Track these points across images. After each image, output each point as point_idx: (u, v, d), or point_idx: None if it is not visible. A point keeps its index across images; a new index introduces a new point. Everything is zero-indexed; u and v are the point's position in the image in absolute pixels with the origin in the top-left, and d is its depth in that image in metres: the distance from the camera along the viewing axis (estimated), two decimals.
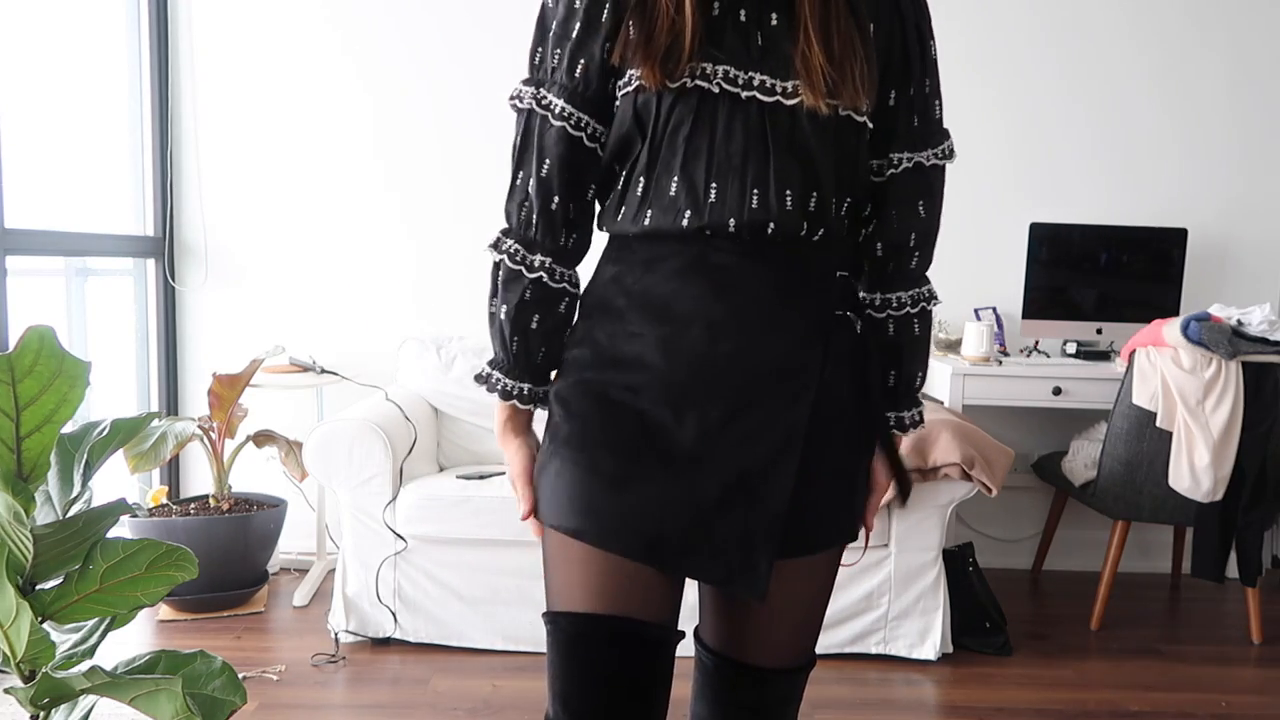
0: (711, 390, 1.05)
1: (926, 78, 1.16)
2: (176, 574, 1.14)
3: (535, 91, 1.09)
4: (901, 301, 1.17)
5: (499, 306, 1.13)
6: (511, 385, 1.14)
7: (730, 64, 1.03)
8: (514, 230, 1.12)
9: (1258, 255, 3.42)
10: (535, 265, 1.11)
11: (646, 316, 1.07)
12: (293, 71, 3.32)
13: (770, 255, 1.06)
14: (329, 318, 3.39)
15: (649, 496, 1.05)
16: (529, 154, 1.10)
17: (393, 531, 2.61)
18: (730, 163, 1.03)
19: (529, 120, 1.10)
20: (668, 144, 1.05)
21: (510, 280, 1.12)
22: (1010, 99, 3.36)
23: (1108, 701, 2.45)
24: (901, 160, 1.14)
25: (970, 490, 2.57)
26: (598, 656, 1.06)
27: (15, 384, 1.04)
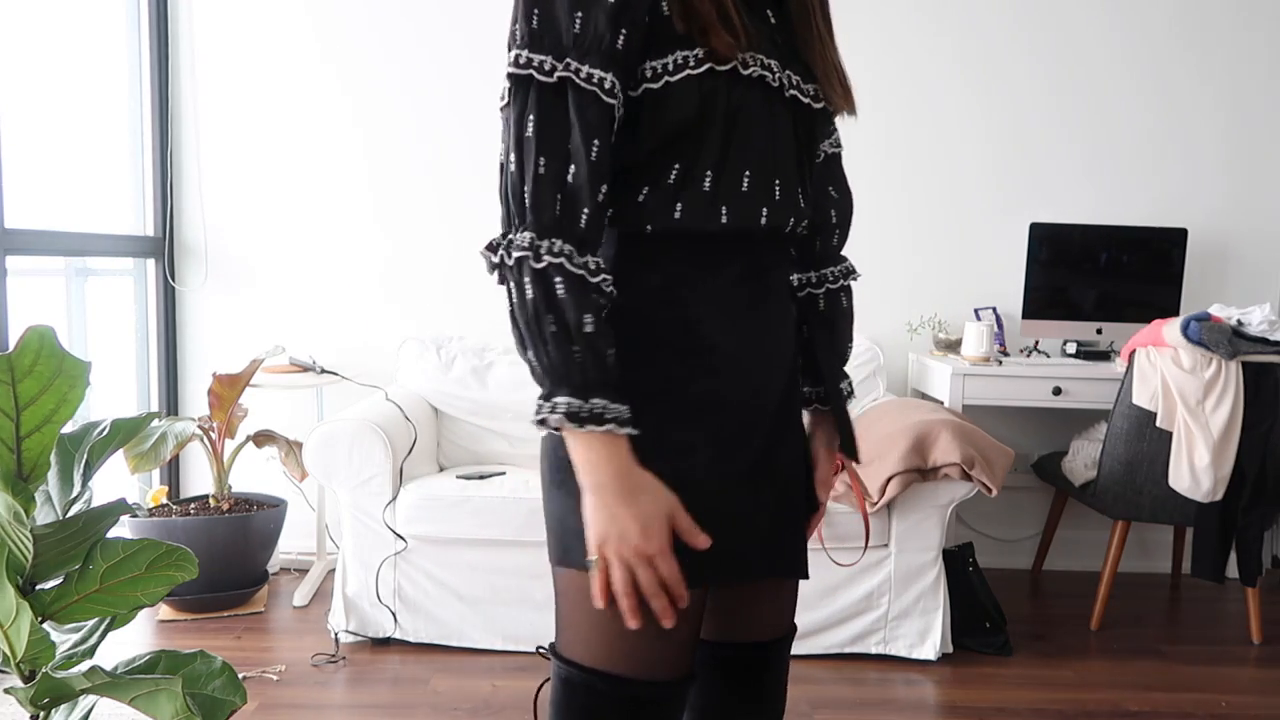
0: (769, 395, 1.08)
1: None
2: (176, 574, 1.14)
3: (563, 62, 0.91)
4: (834, 275, 1.21)
5: (574, 319, 0.90)
6: (624, 410, 0.92)
7: (776, 60, 1.02)
8: (551, 228, 0.91)
9: (1258, 255, 3.42)
10: (594, 268, 0.93)
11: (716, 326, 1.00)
12: (293, 72, 3.32)
13: (785, 251, 1.12)
14: (329, 318, 3.39)
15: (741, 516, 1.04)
16: (563, 137, 0.91)
17: (393, 531, 2.61)
18: (780, 159, 1.04)
19: (553, 96, 0.92)
20: (739, 135, 0.97)
21: (578, 285, 0.91)
22: (1010, 99, 3.36)
23: (1108, 701, 2.45)
24: (822, 151, 1.18)
25: (970, 490, 2.57)
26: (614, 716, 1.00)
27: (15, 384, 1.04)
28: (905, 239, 3.40)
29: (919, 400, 3.07)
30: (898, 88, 3.35)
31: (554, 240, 0.91)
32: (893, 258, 3.39)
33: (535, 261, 0.91)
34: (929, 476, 2.55)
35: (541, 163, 0.91)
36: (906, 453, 2.52)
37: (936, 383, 3.13)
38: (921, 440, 2.54)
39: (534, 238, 0.91)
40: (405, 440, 2.74)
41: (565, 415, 0.91)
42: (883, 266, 3.39)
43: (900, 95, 3.36)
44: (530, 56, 0.92)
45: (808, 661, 2.60)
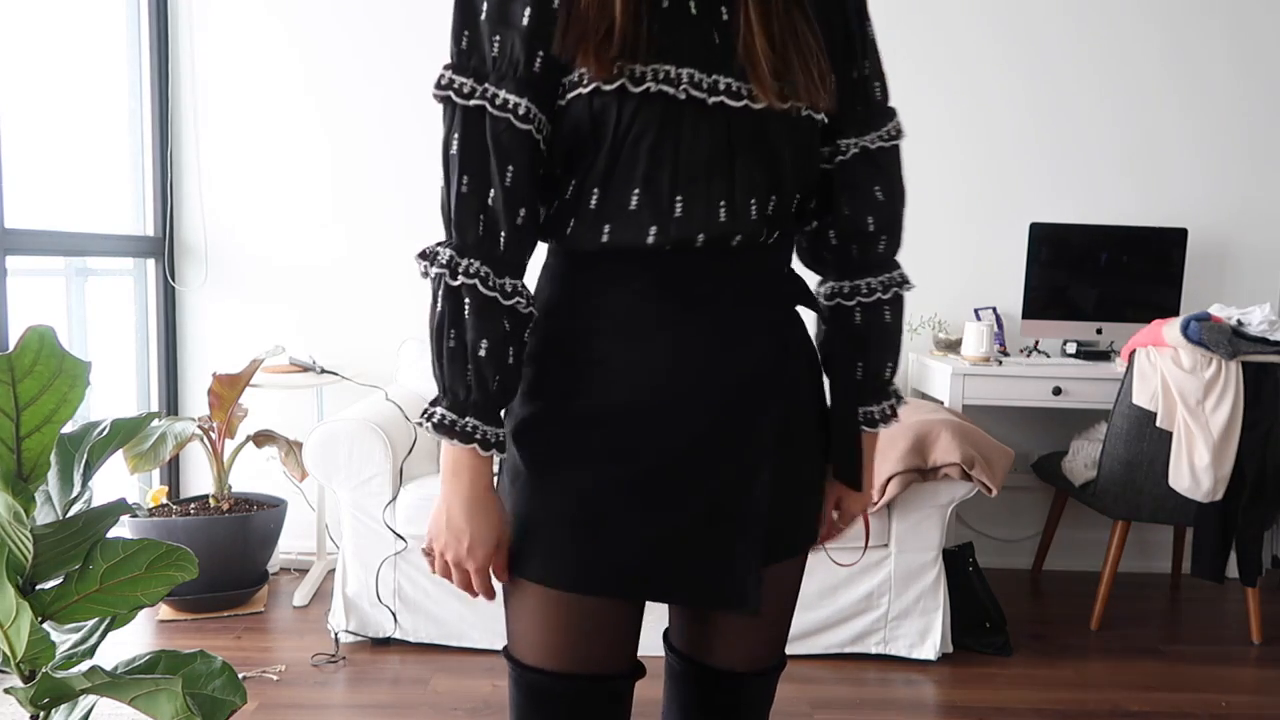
0: (685, 410, 1.00)
1: (865, 59, 1.10)
2: (176, 574, 1.14)
3: (482, 87, 0.94)
4: (871, 288, 1.11)
5: (473, 341, 0.96)
6: (492, 432, 0.98)
7: (694, 66, 0.95)
8: (472, 248, 0.96)
9: (1258, 255, 3.42)
10: (509, 290, 0.97)
11: (610, 340, 1.00)
12: (293, 71, 3.32)
13: (730, 264, 1.01)
14: (329, 318, 3.39)
15: (629, 530, 1.00)
16: (483, 159, 0.95)
17: (393, 531, 2.61)
18: (695, 172, 0.96)
19: (471, 119, 0.95)
20: (628, 153, 0.96)
21: (484, 309, 0.95)
22: (1010, 99, 3.36)
23: (1108, 701, 2.45)
24: (850, 147, 1.08)
25: (970, 490, 2.57)
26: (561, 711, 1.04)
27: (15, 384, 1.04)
28: (905, 239, 3.39)
29: (919, 400, 3.08)
30: (897, 88, 3.34)
31: (472, 260, 0.96)
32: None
33: (451, 279, 0.96)
34: (929, 476, 2.55)
35: (464, 182, 0.96)
36: (906, 453, 2.52)
37: (936, 383, 3.13)
38: (921, 440, 2.54)
39: (454, 255, 0.97)
40: (405, 440, 2.74)
41: (435, 425, 0.98)
42: None
43: (900, 95, 3.34)
44: (452, 78, 0.96)
45: (808, 661, 2.60)
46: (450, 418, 0.98)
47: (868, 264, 1.12)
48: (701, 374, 1.00)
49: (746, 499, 1.02)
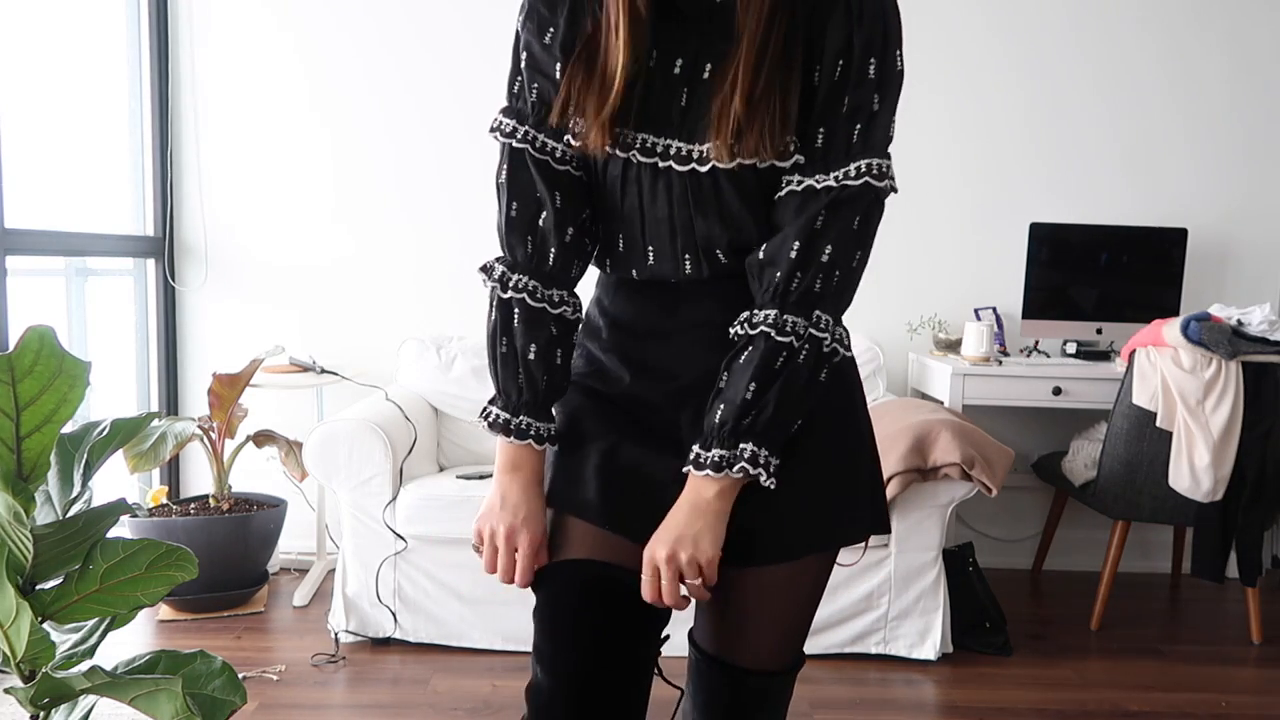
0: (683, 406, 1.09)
1: (846, 95, 1.00)
2: (176, 574, 1.13)
3: (522, 129, 1.08)
4: (746, 320, 1.02)
5: (523, 347, 1.09)
6: (545, 428, 1.11)
7: (649, 131, 1.03)
8: (523, 264, 1.09)
9: (1258, 255, 3.42)
10: (556, 300, 1.10)
11: (615, 333, 1.13)
12: (293, 71, 3.32)
13: (715, 283, 1.08)
14: (329, 318, 3.39)
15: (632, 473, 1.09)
16: (529, 188, 1.07)
17: (393, 531, 2.61)
18: (660, 227, 1.06)
19: (518, 157, 1.08)
20: (609, 201, 1.08)
21: (533, 320, 1.09)
22: (1011, 100, 3.36)
23: (1108, 701, 2.45)
24: (789, 184, 1.01)
25: (970, 490, 2.57)
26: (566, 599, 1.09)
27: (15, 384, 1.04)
28: (905, 239, 3.40)
29: (919, 400, 3.08)
30: None
31: (522, 276, 1.09)
32: (892, 258, 3.39)
33: (503, 292, 1.09)
34: (929, 476, 2.55)
35: (513, 207, 1.08)
36: (906, 453, 2.52)
37: (936, 383, 3.13)
38: (921, 440, 2.54)
39: (506, 271, 1.10)
40: (405, 440, 2.74)
41: (492, 424, 1.11)
42: (882, 266, 3.39)
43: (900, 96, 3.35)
44: (500, 119, 1.09)
45: (808, 661, 2.60)
46: (504, 417, 1.10)
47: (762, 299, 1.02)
48: (698, 375, 1.08)
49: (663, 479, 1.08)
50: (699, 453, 1.02)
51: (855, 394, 1.14)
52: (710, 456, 1.01)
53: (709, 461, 1.01)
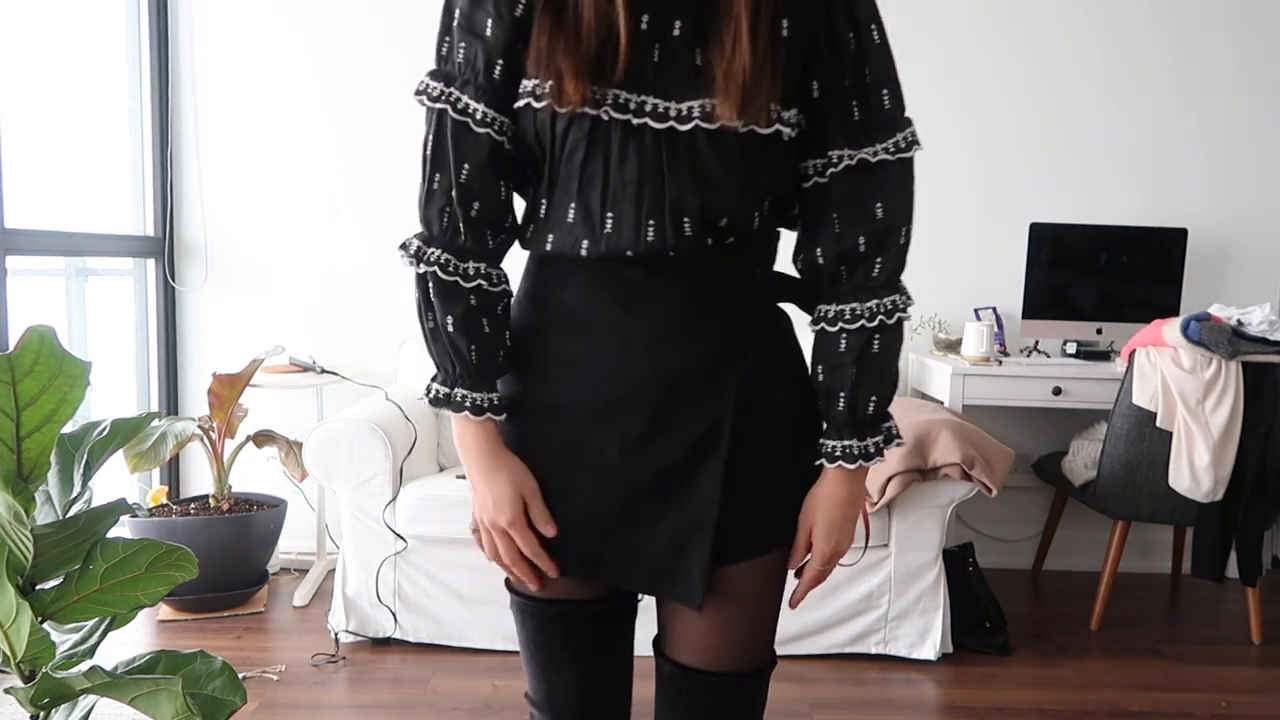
0: (631, 407, 1.04)
1: (865, 66, 1.02)
2: (176, 574, 1.13)
3: (446, 90, 1.02)
4: (856, 313, 1.04)
5: (441, 319, 1.05)
6: (482, 398, 1.07)
7: (621, 87, 0.98)
8: (438, 238, 1.05)
9: (1258, 255, 3.42)
10: (471, 273, 1.05)
11: (560, 335, 1.07)
12: (293, 71, 3.32)
13: (678, 267, 1.03)
14: (329, 318, 3.39)
15: (575, 516, 1.07)
16: (445, 157, 1.03)
17: (393, 531, 2.61)
18: (625, 190, 0.99)
19: (440, 120, 1.03)
20: (565, 168, 1.01)
21: (447, 291, 1.04)
22: (1010, 99, 3.36)
23: (1108, 701, 2.45)
24: (842, 159, 1.02)
25: (970, 490, 2.57)
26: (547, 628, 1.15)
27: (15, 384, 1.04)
28: None
29: (919, 400, 3.08)
30: None
31: (435, 249, 1.05)
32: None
33: (417, 266, 1.06)
34: (929, 476, 2.55)
35: (436, 179, 1.05)
36: (906, 453, 2.52)
37: (936, 383, 3.13)
38: (921, 440, 2.54)
39: (421, 245, 1.06)
40: (405, 440, 2.74)
41: (432, 400, 1.09)
42: None
43: None
44: (426, 82, 1.04)
45: (808, 661, 2.61)
46: (443, 391, 1.08)
47: (858, 288, 1.05)
48: (645, 372, 1.04)
49: (690, 493, 1.05)
50: (856, 445, 1.06)
51: (808, 383, 1.11)
52: (868, 445, 1.06)
53: (871, 450, 1.07)
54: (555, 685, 1.16)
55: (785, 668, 2.56)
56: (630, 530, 1.07)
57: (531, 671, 1.18)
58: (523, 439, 1.10)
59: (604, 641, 1.17)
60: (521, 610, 1.16)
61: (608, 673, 1.18)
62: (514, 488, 1.08)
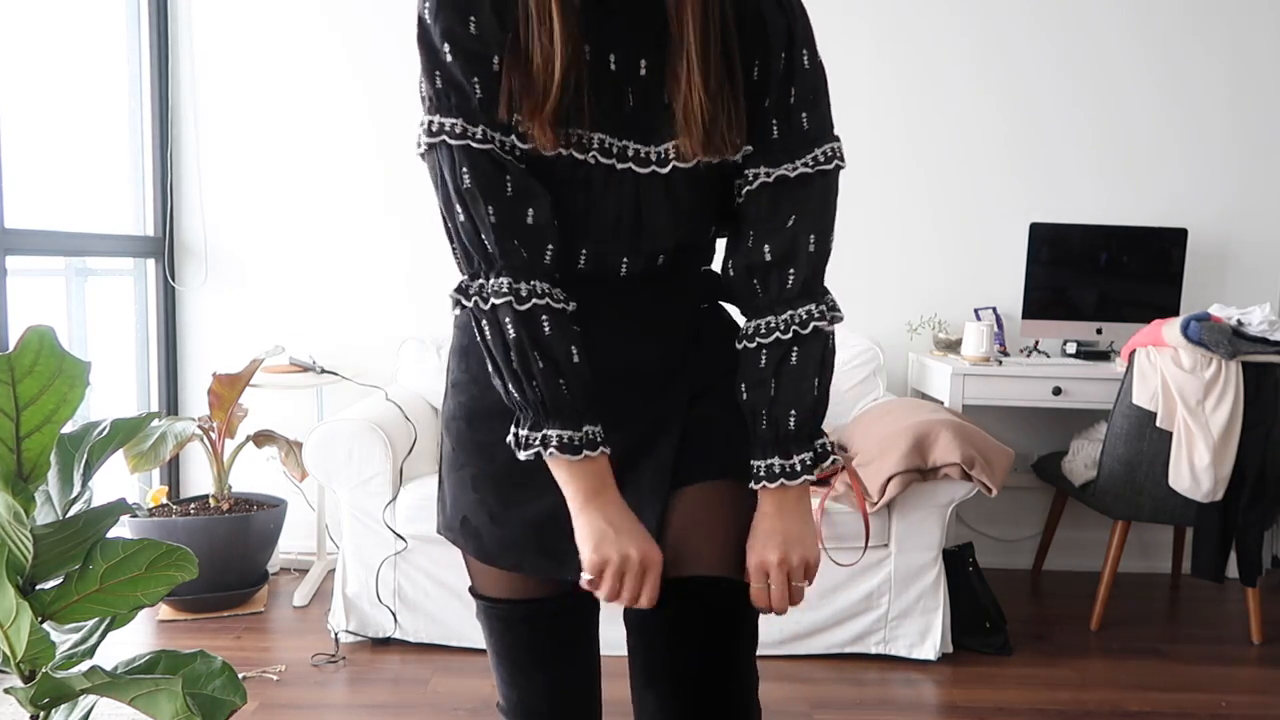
0: None
1: (793, 87, 1.03)
2: (176, 574, 1.13)
3: (475, 128, 0.98)
4: (771, 327, 1.04)
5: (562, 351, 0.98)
6: (594, 432, 1.00)
7: (605, 131, 1.00)
8: (525, 270, 0.99)
9: (1258, 255, 3.42)
10: (541, 291, 0.99)
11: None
12: (292, 71, 3.32)
13: (638, 287, 1.07)
14: (329, 318, 3.39)
15: (539, 514, 1.08)
16: (504, 188, 0.98)
17: (393, 531, 2.61)
18: (603, 232, 1.02)
19: (485, 156, 0.98)
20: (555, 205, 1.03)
21: (562, 324, 0.99)
22: (1010, 99, 3.36)
23: (1108, 701, 2.45)
24: (758, 176, 1.03)
25: (970, 490, 2.57)
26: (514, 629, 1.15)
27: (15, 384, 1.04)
28: (905, 239, 3.40)
29: (919, 400, 3.08)
30: (898, 89, 3.35)
31: (532, 282, 0.99)
32: (893, 257, 3.39)
33: (518, 304, 0.97)
34: (929, 476, 2.55)
35: (491, 211, 0.97)
36: (906, 453, 2.52)
37: (936, 383, 3.13)
38: (921, 440, 2.54)
39: (511, 281, 0.98)
40: (405, 440, 2.74)
41: (559, 447, 0.98)
42: (883, 266, 3.39)
43: (900, 96, 3.36)
44: (442, 121, 0.98)
45: (808, 661, 2.61)
46: (568, 435, 0.99)
47: (773, 301, 1.04)
48: (602, 370, 1.04)
49: (652, 460, 1.07)
50: (779, 464, 1.03)
51: None
52: (794, 464, 1.04)
53: (798, 468, 1.03)
54: (525, 688, 1.17)
55: (785, 668, 2.56)
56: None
57: (501, 677, 1.19)
58: (470, 445, 1.11)
59: (571, 640, 1.17)
60: (488, 614, 1.16)
61: (577, 672, 1.18)
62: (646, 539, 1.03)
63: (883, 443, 2.60)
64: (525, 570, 1.11)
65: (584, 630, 1.19)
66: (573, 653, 1.18)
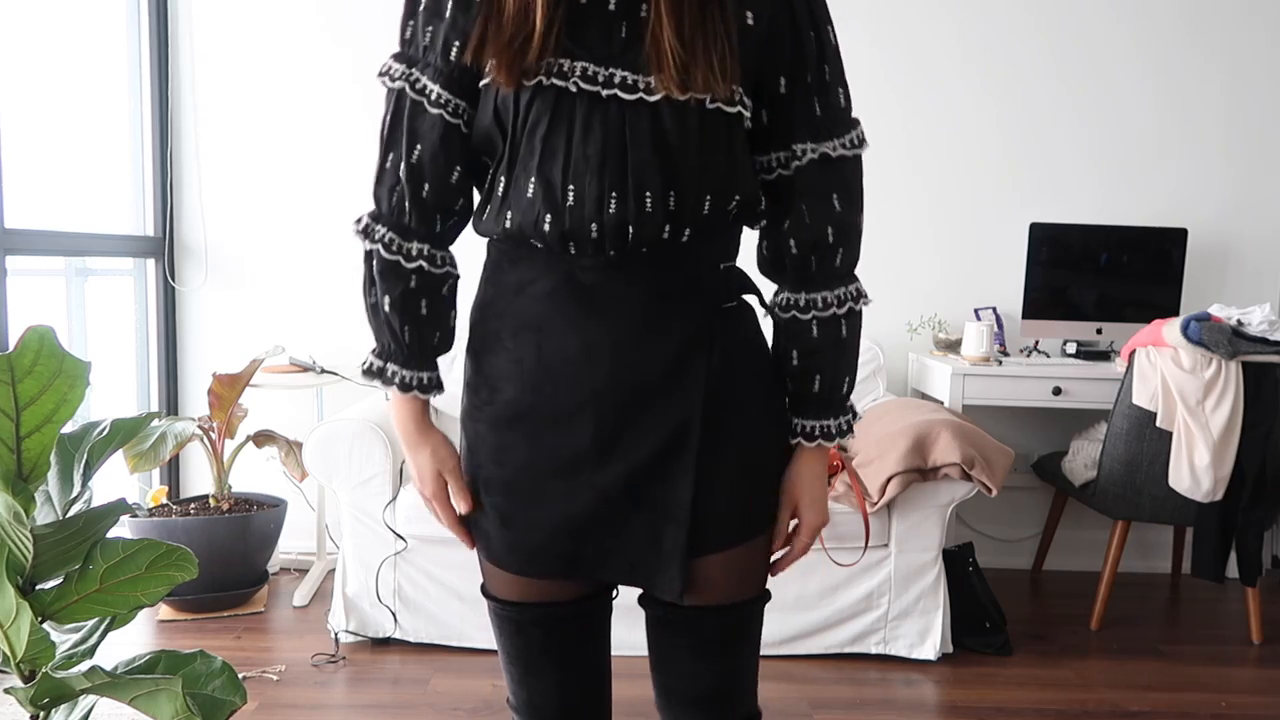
0: (599, 408, 1.05)
1: (825, 64, 1.07)
2: (176, 574, 1.13)
3: (408, 71, 1.06)
4: (827, 301, 1.10)
5: (380, 297, 1.09)
6: (410, 376, 1.12)
7: (589, 60, 0.99)
8: (385, 217, 1.08)
9: (1258, 255, 3.42)
10: (413, 254, 1.08)
11: (521, 343, 1.08)
12: (292, 71, 3.32)
13: (638, 266, 1.04)
14: (329, 318, 3.39)
15: (550, 518, 1.08)
16: (399, 137, 1.06)
17: (393, 531, 2.61)
18: (588, 164, 0.99)
19: (399, 101, 1.06)
20: (526, 143, 1.01)
21: (388, 270, 1.08)
22: (1010, 99, 3.36)
23: (1108, 701, 2.45)
24: (806, 151, 1.07)
25: (970, 490, 2.57)
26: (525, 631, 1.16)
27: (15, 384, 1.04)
28: (905, 239, 3.40)
29: (919, 400, 3.08)
30: (898, 87, 3.35)
31: (380, 227, 1.08)
32: (893, 257, 3.39)
33: (365, 243, 1.09)
34: (929, 476, 2.55)
35: (389, 158, 1.07)
36: (906, 453, 2.52)
37: (936, 383, 3.13)
38: (921, 440, 2.54)
39: (370, 223, 1.09)
40: None
41: (365, 371, 1.13)
42: (883, 266, 3.39)
43: (901, 95, 3.36)
44: (389, 63, 1.08)
45: (808, 661, 2.61)
46: (376, 364, 1.12)
47: (825, 276, 1.10)
48: (610, 377, 1.05)
49: (662, 489, 1.06)
50: (818, 424, 1.12)
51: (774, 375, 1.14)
52: (834, 425, 1.12)
53: (834, 430, 1.12)
54: (536, 689, 1.17)
55: (785, 668, 2.56)
56: (605, 528, 1.08)
57: (512, 676, 1.19)
58: (485, 448, 1.12)
59: (582, 642, 1.18)
60: (499, 616, 1.16)
61: (587, 673, 1.19)
62: (435, 465, 1.13)
63: (883, 443, 2.60)
64: (531, 574, 1.11)
65: (595, 633, 1.19)
66: (584, 655, 1.18)
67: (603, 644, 1.21)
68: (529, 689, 1.18)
